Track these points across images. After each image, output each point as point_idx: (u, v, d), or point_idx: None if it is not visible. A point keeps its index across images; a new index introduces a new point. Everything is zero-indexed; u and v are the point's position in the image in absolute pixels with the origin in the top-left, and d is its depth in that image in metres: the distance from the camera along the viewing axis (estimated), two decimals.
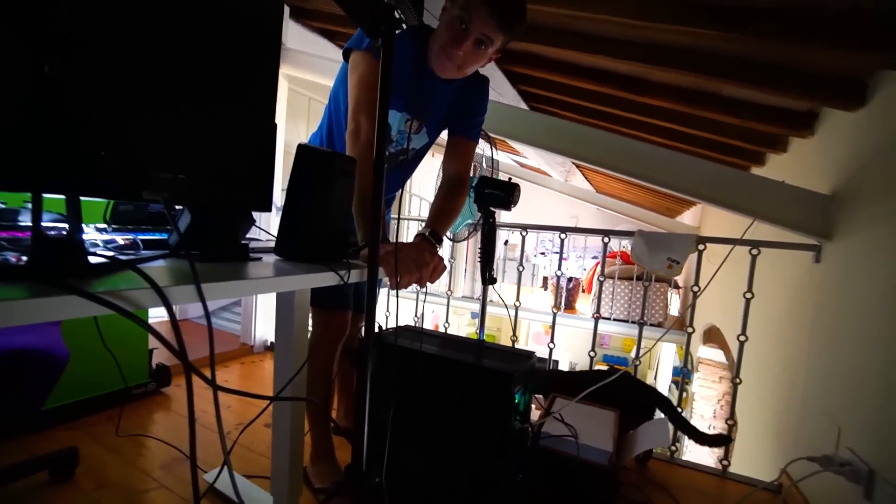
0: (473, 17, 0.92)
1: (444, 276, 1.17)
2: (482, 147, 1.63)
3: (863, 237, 1.32)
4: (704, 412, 3.97)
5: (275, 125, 0.73)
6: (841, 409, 1.28)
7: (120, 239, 0.70)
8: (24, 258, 0.49)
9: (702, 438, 1.48)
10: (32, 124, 0.44)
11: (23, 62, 0.43)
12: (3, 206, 0.80)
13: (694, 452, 3.94)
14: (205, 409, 1.52)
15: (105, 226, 0.76)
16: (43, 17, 0.44)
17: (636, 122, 2.78)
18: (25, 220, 0.72)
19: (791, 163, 2.13)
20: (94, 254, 0.53)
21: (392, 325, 1.23)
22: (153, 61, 0.55)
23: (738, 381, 1.64)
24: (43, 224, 0.66)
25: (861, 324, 1.25)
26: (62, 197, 0.50)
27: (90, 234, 0.69)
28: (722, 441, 1.50)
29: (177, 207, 0.76)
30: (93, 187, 0.50)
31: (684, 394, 4.33)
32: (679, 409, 1.56)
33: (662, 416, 1.54)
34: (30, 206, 0.78)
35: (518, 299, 2.10)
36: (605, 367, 1.75)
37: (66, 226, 0.54)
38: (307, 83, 2.98)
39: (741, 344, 1.62)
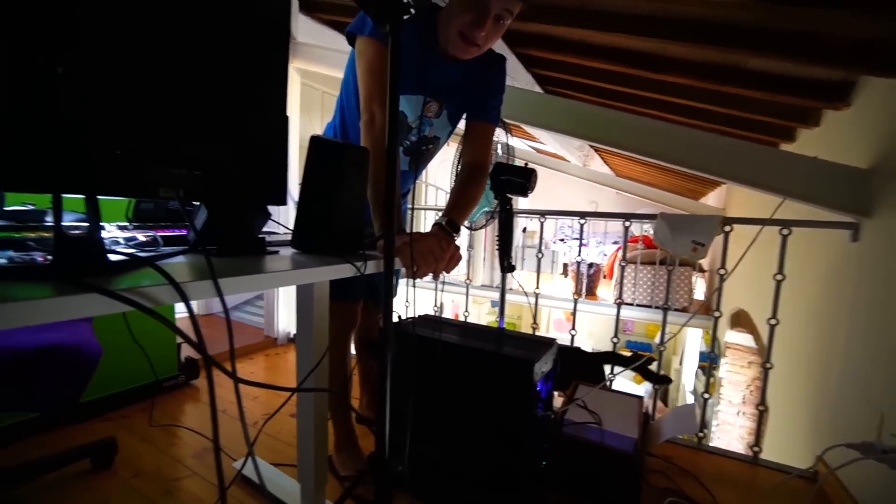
0: None
1: (463, 266, 1.16)
2: (497, 134, 1.60)
3: None
4: (733, 398, 3.88)
5: (286, 119, 0.73)
6: (884, 396, 1.22)
7: (140, 236, 0.71)
8: (50, 258, 0.50)
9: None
10: (48, 126, 0.44)
11: (38, 65, 0.43)
12: (32, 206, 0.82)
13: (722, 439, 3.87)
14: (233, 399, 1.57)
15: (126, 223, 0.77)
16: (56, 19, 0.44)
17: (655, 102, 2.68)
18: (51, 221, 0.74)
19: (824, 137, 2.02)
20: (115, 251, 0.53)
21: (411, 315, 1.23)
22: (165, 61, 0.55)
23: (769, 365, 1.59)
24: (66, 223, 0.68)
25: None
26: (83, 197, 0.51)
27: (112, 232, 0.70)
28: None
29: (194, 203, 0.77)
30: (110, 186, 0.51)
31: (711, 379, 4.24)
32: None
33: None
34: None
35: (538, 286, 2.08)
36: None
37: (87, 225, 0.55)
38: (320, 77, 2.98)
39: (772, 328, 1.56)
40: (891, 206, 1.32)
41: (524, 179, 1.28)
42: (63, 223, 0.46)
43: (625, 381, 6.53)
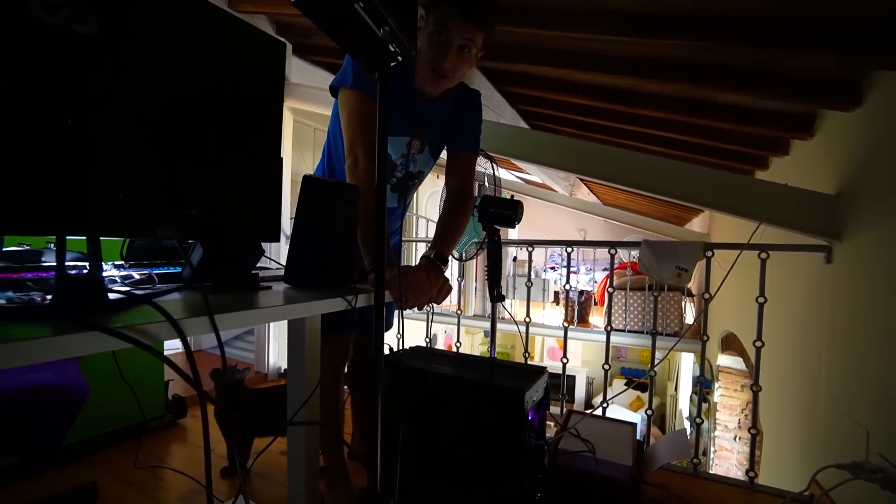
0: (450, 27, 0.95)
1: (455, 296, 1.18)
2: (484, 166, 1.66)
3: (872, 235, 1.30)
4: (729, 422, 3.85)
5: (280, 160, 0.77)
6: (868, 413, 1.24)
7: (136, 274, 0.73)
8: (49, 297, 0.51)
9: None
10: (56, 172, 0.47)
11: (49, 118, 0.47)
12: (27, 247, 0.84)
13: (721, 465, 3.81)
14: (220, 438, 1.54)
15: (122, 262, 0.79)
16: (67, 76, 0.48)
17: (635, 134, 2.81)
18: (49, 261, 0.75)
19: (794, 165, 2.13)
20: (112, 290, 0.55)
21: (402, 347, 1.24)
22: (165, 110, 0.59)
23: (757, 388, 1.61)
24: (68, 263, 0.69)
25: (880, 323, 1.22)
26: (82, 238, 0.53)
27: (108, 270, 0.72)
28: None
29: (189, 242, 0.80)
30: (112, 227, 0.53)
31: (705, 403, 4.22)
32: None
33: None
34: (52, 246, 0.82)
35: (528, 315, 2.10)
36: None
37: (86, 264, 0.57)
38: (312, 114, 3.08)
39: (758, 350, 1.59)
40: (858, 229, 1.39)
41: (511, 211, 1.32)
42: (67, 263, 0.48)
43: (619, 409, 6.45)
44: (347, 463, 1.32)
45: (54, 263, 0.46)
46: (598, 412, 1.74)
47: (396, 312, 1.28)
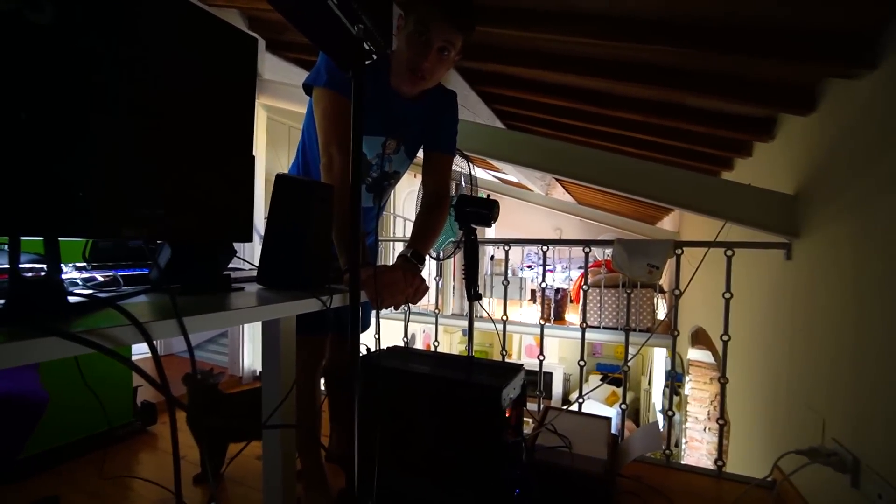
0: (430, 27, 0.95)
1: (432, 296, 1.18)
2: (461, 165, 1.67)
3: (827, 233, 1.38)
4: (699, 414, 3.99)
5: (252, 158, 0.75)
6: (823, 402, 1.31)
7: (100, 276, 0.70)
8: (2, 301, 0.49)
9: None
10: (8, 169, 0.45)
11: (1, 110, 0.44)
12: None
13: (692, 456, 3.95)
14: (192, 444, 1.49)
15: (84, 264, 0.75)
16: (18, 66, 0.45)
17: (608, 135, 2.87)
18: (2, 262, 0.71)
19: (757, 166, 2.22)
20: (73, 293, 0.53)
21: (380, 347, 1.23)
22: (129, 104, 0.56)
23: (724, 380, 1.67)
24: (22, 266, 0.66)
25: (834, 316, 1.30)
26: (40, 238, 0.51)
27: (69, 273, 0.69)
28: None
29: (158, 242, 0.77)
30: (71, 227, 0.51)
31: (676, 397, 4.36)
32: None
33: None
34: (6, 247, 0.77)
35: (505, 314, 2.12)
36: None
37: (44, 266, 0.54)
38: (286, 112, 3.02)
39: (724, 344, 1.66)
40: (814, 227, 1.46)
41: (487, 210, 1.33)
42: (19, 265, 0.46)
43: (595, 404, 6.59)
44: (325, 465, 1.30)
45: (6, 266, 0.44)
46: (574, 408, 1.78)
47: (374, 313, 1.27)
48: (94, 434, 1.55)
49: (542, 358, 2.03)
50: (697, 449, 3.98)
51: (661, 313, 5.25)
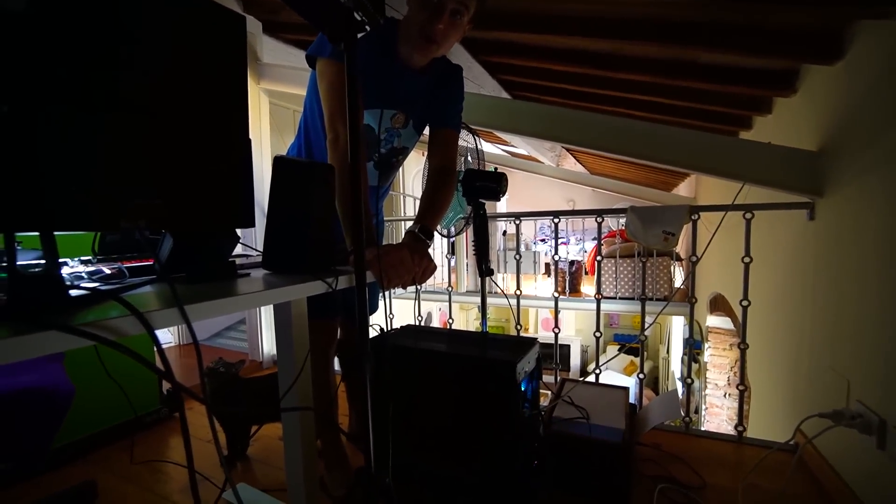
0: None
1: (445, 273, 1.17)
2: (467, 140, 1.63)
3: (853, 190, 1.31)
4: (718, 381, 3.97)
5: (249, 141, 0.73)
6: (848, 364, 1.28)
7: (106, 269, 0.70)
8: (2, 296, 0.49)
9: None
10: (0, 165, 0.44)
11: None
12: None
13: (712, 422, 3.95)
14: (218, 428, 1.53)
15: (90, 257, 0.76)
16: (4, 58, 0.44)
17: (618, 99, 2.77)
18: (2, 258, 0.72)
19: (777, 123, 2.12)
20: (77, 286, 0.53)
21: (393, 327, 1.23)
22: (116, 92, 0.55)
23: (744, 346, 1.64)
24: (25, 262, 0.66)
25: (859, 276, 1.24)
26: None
27: (75, 266, 0.69)
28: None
29: (162, 231, 0.77)
30: (66, 221, 0.50)
31: (695, 364, 4.34)
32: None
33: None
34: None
35: (519, 288, 2.10)
36: None
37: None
38: (289, 96, 2.97)
39: (744, 309, 1.62)
40: (840, 184, 1.39)
41: (495, 184, 1.30)
42: (22, 262, 0.46)
43: (613, 374, 6.61)
44: (346, 444, 1.33)
45: (5, 262, 0.44)
46: (591, 379, 1.77)
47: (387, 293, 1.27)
48: (123, 422, 1.62)
49: (557, 331, 2.02)
50: (717, 415, 3.97)
51: (678, 281, 5.18)
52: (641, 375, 1.89)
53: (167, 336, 3.20)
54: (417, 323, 2.12)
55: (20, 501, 1.24)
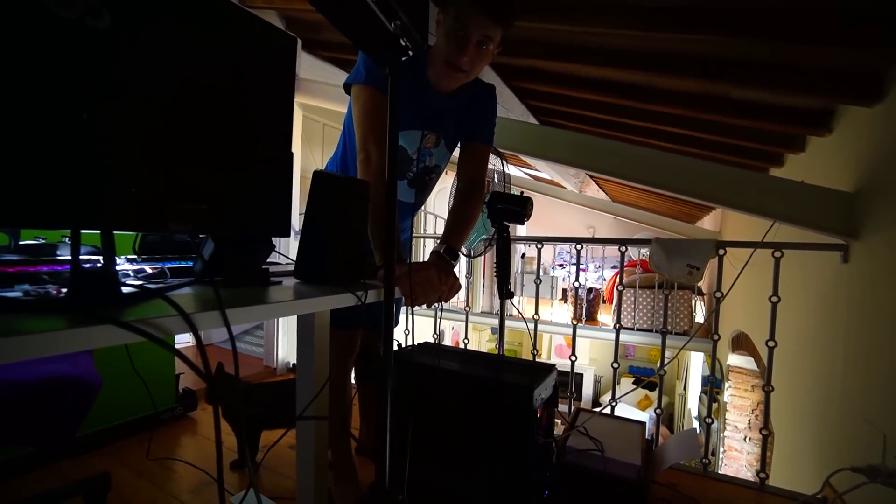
0: (468, 22, 0.94)
1: (462, 292, 1.17)
2: (494, 162, 1.65)
3: (892, 234, 1.27)
4: (739, 423, 3.81)
5: (291, 155, 0.76)
6: (883, 416, 1.22)
7: (149, 268, 0.73)
8: (64, 290, 0.52)
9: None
10: (71, 167, 0.48)
11: (64, 112, 0.47)
12: (43, 241, 0.85)
13: (730, 466, 3.78)
14: (229, 431, 1.55)
15: (135, 256, 0.80)
16: (81, 70, 0.48)
17: (646, 130, 2.77)
18: (64, 254, 0.76)
19: (810, 162, 2.08)
20: (125, 284, 0.56)
21: (410, 343, 1.24)
22: (178, 104, 0.59)
23: (769, 388, 1.58)
24: (80, 257, 0.70)
25: None
26: (97, 231, 0.53)
27: (122, 264, 0.72)
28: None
29: (201, 236, 0.80)
30: (125, 221, 0.53)
31: (715, 404, 4.17)
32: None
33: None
34: (67, 240, 0.82)
35: (536, 313, 2.09)
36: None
37: (100, 258, 0.57)
38: (321, 110, 3.09)
39: (770, 350, 1.57)
40: (876, 227, 1.35)
41: (521, 207, 1.31)
42: (79, 257, 0.49)
43: (627, 407, 6.41)
44: (354, 457, 1.32)
45: (69, 257, 0.47)
46: (607, 410, 1.73)
47: (404, 309, 1.28)
48: (140, 417, 1.65)
49: (573, 358, 1.98)
50: (736, 459, 3.80)
51: (700, 316, 5.04)
52: (658, 411, 1.84)
53: (186, 336, 3.27)
54: (434, 340, 2.12)
55: (37, 487, 1.27)
